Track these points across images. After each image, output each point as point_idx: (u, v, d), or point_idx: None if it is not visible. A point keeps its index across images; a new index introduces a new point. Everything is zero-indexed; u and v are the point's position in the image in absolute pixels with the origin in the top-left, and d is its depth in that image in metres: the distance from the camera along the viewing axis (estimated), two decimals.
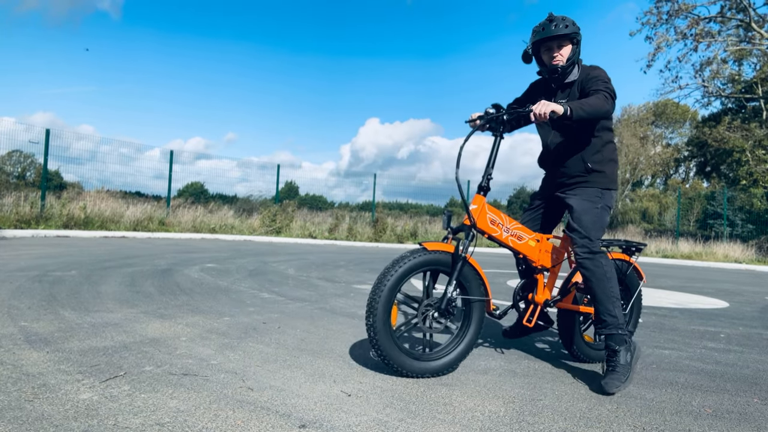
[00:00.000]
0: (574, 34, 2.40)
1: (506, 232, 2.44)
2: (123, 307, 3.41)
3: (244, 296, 4.16)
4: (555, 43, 2.42)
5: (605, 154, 2.48)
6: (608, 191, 2.48)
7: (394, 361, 2.16)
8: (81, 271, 4.99)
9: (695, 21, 21.08)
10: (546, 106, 2.18)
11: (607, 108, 2.27)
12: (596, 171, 2.45)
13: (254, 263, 6.86)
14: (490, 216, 2.39)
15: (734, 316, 4.68)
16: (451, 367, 2.31)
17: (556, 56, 2.42)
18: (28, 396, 1.75)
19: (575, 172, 2.48)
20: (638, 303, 2.87)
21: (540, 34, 2.41)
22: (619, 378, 2.22)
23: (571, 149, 2.49)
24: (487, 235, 2.40)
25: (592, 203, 2.43)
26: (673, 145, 37.60)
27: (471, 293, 2.34)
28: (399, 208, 22.64)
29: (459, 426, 1.72)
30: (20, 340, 2.45)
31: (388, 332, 2.15)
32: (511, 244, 2.46)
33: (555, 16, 2.41)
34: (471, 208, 2.33)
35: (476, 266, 2.34)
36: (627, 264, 2.72)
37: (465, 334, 2.36)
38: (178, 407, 1.73)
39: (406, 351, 2.23)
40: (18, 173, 27.89)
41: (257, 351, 2.51)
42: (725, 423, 1.89)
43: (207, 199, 16.52)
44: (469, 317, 2.36)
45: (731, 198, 21.62)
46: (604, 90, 2.29)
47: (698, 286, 7.40)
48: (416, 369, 2.21)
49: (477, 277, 2.34)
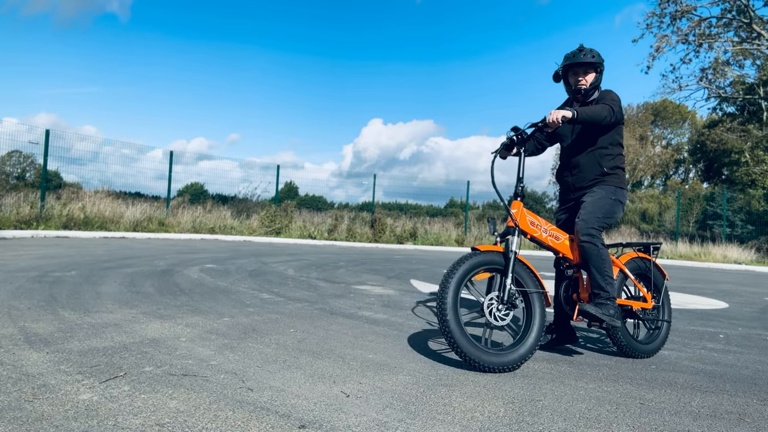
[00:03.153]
0: (599, 64, 2.82)
1: (545, 233, 2.71)
2: (123, 307, 3.41)
3: (243, 297, 4.17)
4: (582, 69, 2.83)
5: (617, 162, 2.86)
6: (621, 189, 2.84)
7: (471, 356, 2.31)
8: (81, 271, 4.99)
9: (697, 23, 21.10)
10: (557, 113, 2.53)
11: (605, 116, 2.64)
12: (610, 174, 2.83)
13: (254, 264, 6.86)
14: (530, 218, 2.67)
15: (733, 316, 4.69)
16: (524, 359, 2.42)
17: (582, 80, 2.83)
18: (28, 396, 1.75)
19: (593, 175, 2.84)
20: (667, 298, 3.09)
21: (570, 60, 2.82)
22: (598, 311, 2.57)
23: (589, 157, 2.86)
24: (529, 236, 2.67)
25: (606, 194, 2.78)
26: (672, 145, 37.61)
27: (528, 287, 2.54)
28: (398, 209, 22.62)
29: (458, 426, 1.72)
30: (20, 340, 2.45)
31: (461, 329, 2.34)
32: (550, 244, 2.73)
33: (585, 48, 2.82)
34: (512, 212, 2.60)
35: (526, 263, 2.58)
36: (649, 262, 3.03)
37: (532, 328, 2.49)
38: (178, 408, 1.73)
39: (481, 346, 2.37)
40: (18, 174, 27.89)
41: (257, 351, 2.52)
42: (725, 423, 1.89)
43: (207, 200, 16.52)
44: (530, 311, 2.53)
45: (730, 199, 21.62)
46: (610, 104, 2.69)
47: (698, 287, 7.40)
48: (493, 363, 2.35)
49: (530, 272, 2.57)
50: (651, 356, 2.87)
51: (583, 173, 2.87)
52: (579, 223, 2.69)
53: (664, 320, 3.01)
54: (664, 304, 3.05)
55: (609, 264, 2.67)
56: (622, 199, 2.82)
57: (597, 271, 2.64)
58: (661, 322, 3.01)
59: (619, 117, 2.75)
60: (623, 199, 2.83)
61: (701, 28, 21.25)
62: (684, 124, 37.51)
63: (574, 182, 2.91)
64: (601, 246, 2.66)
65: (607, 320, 2.59)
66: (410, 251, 12.36)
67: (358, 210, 18.34)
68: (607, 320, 2.59)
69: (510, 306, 2.48)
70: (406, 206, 23.52)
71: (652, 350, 2.89)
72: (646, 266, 3.01)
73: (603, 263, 2.64)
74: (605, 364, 2.69)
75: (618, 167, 2.85)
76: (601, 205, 2.73)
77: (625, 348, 2.80)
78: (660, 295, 3.02)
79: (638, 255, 3.02)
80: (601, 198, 2.76)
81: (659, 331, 2.99)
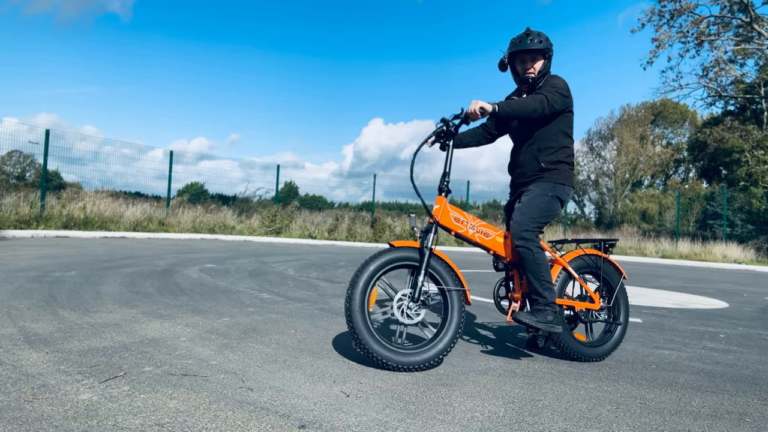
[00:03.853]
0: (547, 50, 2.63)
1: (472, 229, 2.59)
2: (123, 307, 3.41)
3: (243, 297, 4.16)
4: (529, 56, 2.65)
5: (559, 156, 2.66)
6: (561, 185, 2.64)
7: (378, 355, 2.25)
8: (81, 271, 4.99)
9: (697, 21, 21.10)
10: (476, 104, 2.41)
11: (534, 108, 2.48)
12: (549, 169, 2.64)
13: (254, 264, 6.86)
14: (454, 214, 2.55)
15: (734, 316, 4.68)
16: (434, 361, 2.33)
17: (529, 68, 2.66)
18: (28, 396, 1.75)
19: (531, 171, 2.68)
20: (624, 297, 2.90)
21: (517, 46, 2.63)
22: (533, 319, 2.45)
23: (527, 152, 2.70)
24: (453, 232, 2.56)
25: (542, 192, 2.62)
26: (672, 145, 37.63)
27: (446, 284, 2.43)
28: (399, 209, 22.62)
29: (459, 426, 1.72)
30: (20, 340, 2.44)
31: (368, 328, 2.26)
32: (479, 241, 2.60)
33: (532, 31, 2.62)
34: (434, 208, 2.50)
35: (445, 258, 2.46)
36: (599, 259, 2.84)
37: (448, 327, 2.39)
38: (178, 408, 1.73)
39: (387, 345, 2.29)
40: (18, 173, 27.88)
41: (257, 351, 2.51)
42: (725, 423, 1.89)
43: (207, 200, 16.52)
44: (448, 309, 2.43)
45: (731, 198, 21.62)
46: (546, 93, 2.52)
47: (698, 287, 7.40)
48: (402, 362, 2.27)
49: (448, 268, 2.45)
50: (600, 360, 2.71)
51: (522, 169, 2.72)
52: (513, 226, 2.56)
53: (616, 322, 2.82)
54: (618, 305, 2.85)
55: (546, 268, 2.52)
56: (561, 196, 2.62)
57: (533, 276, 2.49)
58: (613, 324, 2.83)
59: (558, 107, 2.55)
60: (563, 195, 2.63)
61: (701, 27, 21.24)
62: (684, 123, 37.51)
63: (516, 178, 2.79)
64: (536, 249, 2.50)
65: (544, 327, 2.46)
66: None
67: (358, 210, 18.34)
68: (544, 327, 2.46)
69: (422, 304, 2.38)
70: (406, 206, 23.51)
71: (600, 354, 2.71)
72: (596, 264, 2.82)
73: (539, 267, 2.49)
74: (605, 363, 2.69)
75: (560, 162, 2.65)
76: (535, 205, 2.58)
77: (567, 351, 2.65)
78: (612, 295, 2.84)
79: (588, 252, 2.82)
80: (535, 197, 2.60)
81: (611, 333, 2.81)
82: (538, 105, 2.48)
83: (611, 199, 35.97)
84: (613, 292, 2.84)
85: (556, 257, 2.75)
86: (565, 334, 2.65)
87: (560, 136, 2.66)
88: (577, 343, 2.69)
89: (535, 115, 2.51)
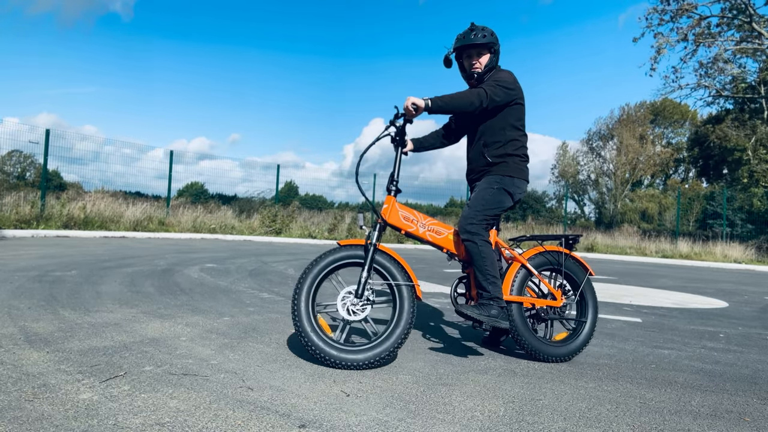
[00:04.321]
0: (492, 44, 2.62)
1: (423, 228, 2.59)
2: (123, 307, 3.41)
3: (243, 296, 4.17)
4: (475, 51, 2.64)
5: (507, 149, 2.64)
6: (510, 178, 2.62)
7: (322, 353, 2.26)
8: (81, 271, 4.99)
9: (697, 21, 21.09)
10: (408, 100, 2.41)
11: (472, 101, 2.46)
12: (497, 163, 2.63)
13: (254, 263, 6.86)
14: (403, 213, 2.57)
15: (733, 316, 4.69)
16: (383, 358, 2.31)
17: (475, 63, 2.65)
18: (29, 396, 1.75)
19: (479, 166, 2.70)
20: (591, 294, 2.81)
21: (461, 42, 2.63)
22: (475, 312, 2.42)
23: (475, 148, 2.72)
24: (404, 231, 2.57)
25: (488, 185, 2.61)
26: (673, 144, 37.62)
27: (394, 279, 2.42)
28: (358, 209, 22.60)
29: (459, 426, 1.72)
30: (20, 340, 2.45)
31: (313, 327, 2.29)
32: (430, 239, 2.59)
33: (476, 26, 2.63)
34: (383, 207, 2.55)
35: (392, 254, 2.46)
36: (561, 256, 2.76)
37: (398, 323, 2.37)
38: (178, 407, 1.73)
39: (334, 343, 2.30)
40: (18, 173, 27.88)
41: (257, 351, 2.52)
42: (724, 422, 1.89)
43: (207, 199, 16.52)
44: (397, 304, 2.41)
45: (730, 198, 21.62)
46: (486, 87, 2.51)
47: (698, 286, 7.40)
48: (348, 360, 2.27)
49: (396, 263, 2.45)
50: (567, 359, 2.65)
51: (472, 165, 2.75)
52: (459, 220, 2.56)
53: (581, 320, 2.75)
54: (585, 302, 2.78)
55: (491, 261, 2.49)
56: (508, 188, 2.59)
57: (478, 270, 2.49)
58: (578, 322, 2.76)
59: (499, 99, 2.52)
60: (511, 187, 2.60)
61: (701, 27, 21.23)
62: (684, 123, 37.51)
63: (468, 175, 2.81)
64: (481, 243, 2.49)
65: (487, 321, 2.42)
66: (410, 250, 12.35)
67: (358, 209, 18.34)
68: (487, 321, 2.42)
69: (366, 301, 2.37)
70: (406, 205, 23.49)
71: (566, 353, 2.64)
72: (557, 261, 2.74)
73: (484, 261, 2.48)
74: (605, 363, 2.69)
75: (508, 155, 2.62)
76: (480, 198, 2.57)
77: (530, 350, 2.59)
78: (577, 290, 2.77)
79: (547, 249, 2.75)
80: (481, 190, 2.60)
81: (577, 332, 2.73)
82: (475, 98, 2.46)
83: (611, 199, 35.99)
84: (577, 288, 2.77)
85: (514, 254, 2.72)
86: (524, 331, 2.58)
87: (507, 130, 2.63)
88: (540, 341, 2.62)
89: (472, 108, 2.48)
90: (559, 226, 19.05)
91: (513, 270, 2.66)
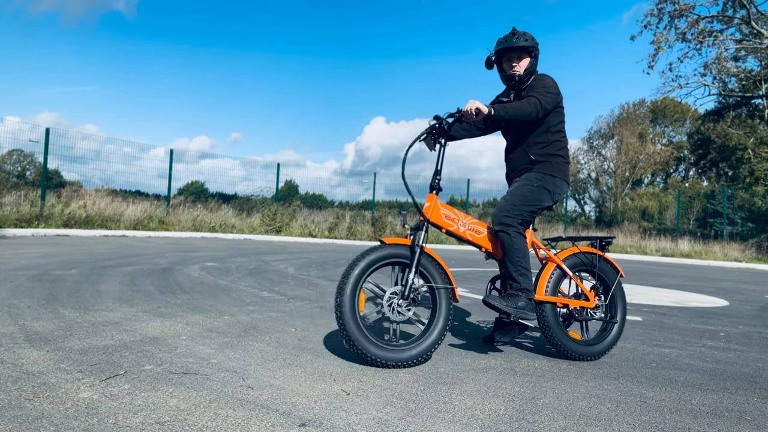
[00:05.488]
0: (533, 48, 2.68)
1: (463, 227, 2.60)
2: (123, 306, 3.41)
3: (244, 295, 4.17)
4: (515, 54, 2.70)
5: (550, 149, 2.70)
6: (551, 177, 2.67)
7: (365, 351, 2.26)
8: (81, 270, 4.99)
9: (696, 21, 21.04)
10: (472, 104, 2.44)
11: (530, 112, 2.53)
12: (540, 161, 2.68)
13: (254, 262, 6.86)
14: (444, 212, 2.57)
15: (734, 314, 4.68)
16: (422, 358, 2.35)
17: (515, 66, 2.70)
18: (28, 395, 1.75)
19: (522, 165, 2.74)
20: (621, 295, 2.88)
21: (502, 45, 2.69)
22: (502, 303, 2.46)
23: (519, 148, 2.76)
24: (444, 229, 2.57)
25: (528, 182, 2.65)
26: (673, 143, 37.60)
27: (435, 282, 2.45)
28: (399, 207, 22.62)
29: (459, 424, 1.72)
30: (20, 338, 2.45)
31: (357, 325, 2.28)
32: (470, 238, 2.61)
33: (518, 31, 2.69)
34: (425, 205, 2.52)
35: (435, 257, 2.47)
36: (595, 257, 2.83)
37: (435, 325, 2.42)
38: (178, 406, 1.73)
39: (375, 341, 2.31)
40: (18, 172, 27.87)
41: (257, 350, 2.52)
42: (725, 421, 1.89)
43: (207, 198, 16.51)
44: (436, 306, 2.45)
45: (731, 196, 21.60)
46: (538, 96, 2.56)
47: (698, 285, 7.40)
48: (389, 359, 2.29)
49: (438, 266, 2.47)
50: (596, 358, 2.70)
51: (513, 164, 2.79)
52: (494, 212, 2.60)
53: (612, 320, 2.82)
54: (615, 303, 2.84)
55: (523, 253, 2.55)
56: (549, 187, 2.64)
57: (509, 261, 2.53)
58: (609, 323, 2.82)
59: (550, 107, 2.60)
60: (552, 186, 2.65)
61: (700, 26, 21.18)
62: (685, 122, 37.49)
63: (508, 174, 2.85)
64: (514, 234, 2.53)
65: (514, 312, 2.46)
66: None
67: (359, 208, 18.34)
68: (514, 312, 2.46)
69: (411, 302, 2.40)
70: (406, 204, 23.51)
71: (596, 352, 2.69)
72: (591, 262, 2.82)
73: (516, 252, 2.52)
74: (605, 362, 2.69)
75: (551, 154, 2.68)
76: (519, 193, 2.61)
77: (562, 349, 2.64)
78: (608, 292, 2.84)
79: (583, 250, 2.82)
80: (521, 186, 2.64)
81: (607, 332, 2.80)
82: (532, 109, 2.53)
83: (611, 198, 35.97)
84: (609, 290, 2.84)
85: (550, 255, 2.75)
86: (558, 332, 2.65)
87: (551, 132, 2.70)
88: (572, 341, 2.68)
89: (530, 118, 2.56)
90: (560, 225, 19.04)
91: (548, 270, 2.71)
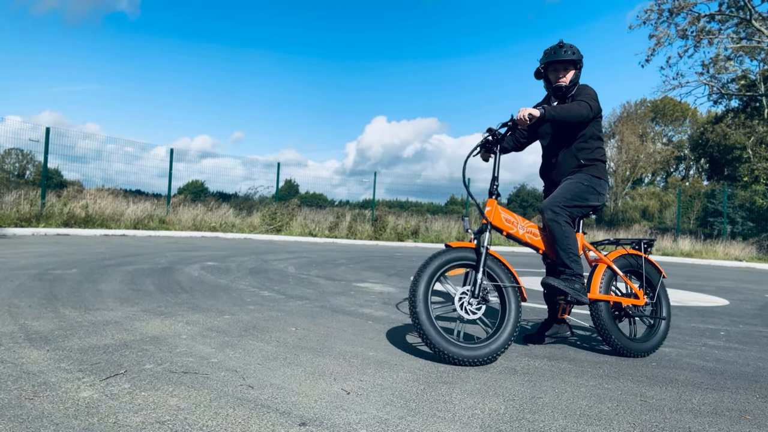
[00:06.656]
0: (578, 61, 2.83)
1: (522, 230, 2.75)
2: (123, 305, 3.41)
3: (244, 294, 4.17)
4: (562, 66, 2.84)
5: (595, 155, 2.86)
6: (598, 179, 2.83)
7: (442, 348, 2.35)
8: (81, 269, 4.99)
9: (695, 18, 21.01)
10: (525, 111, 2.57)
11: (581, 112, 2.67)
12: (588, 165, 2.84)
13: (254, 261, 6.86)
14: (505, 216, 2.72)
15: (734, 313, 4.68)
16: (496, 355, 2.44)
17: (562, 77, 2.84)
18: (29, 394, 1.75)
19: (570, 168, 2.86)
20: (665, 294, 3.04)
21: (551, 57, 2.83)
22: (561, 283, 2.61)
23: (566, 152, 2.89)
24: (505, 232, 2.71)
25: (578, 181, 2.79)
26: (673, 142, 37.58)
27: (501, 282, 2.57)
28: (400, 206, 22.62)
29: (459, 424, 1.72)
30: (21, 338, 2.45)
31: (432, 322, 2.38)
32: (528, 240, 2.76)
33: (565, 44, 2.83)
34: (486, 210, 2.66)
35: (500, 258, 2.60)
36: (640, 258, 2.99)
37: (507, 323, 2.51)
38: (179, 405, 1.73)
39: (452, 340, 2.40)
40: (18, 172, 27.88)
41: (257, 349, 2.52)
42: (725, 420, 1.89)
43: (207, 197, 16.51)
44: (505, 305, 2.55)
45: (731, 196, 21.59)
46: (587, 100, 2.72)
47: (698, 284, 7.40)
48: (464, 356, 2.38)
49: (503, 266, 2.60)
50: (647, 355, 2.82)
51: (560, 168, 2.90)
52: (544, 203, 2.74)
53: (660, 317, 2.95)
54: (660, 301, 2.99)
55: (573, 241, 2.69)
56: (597, 188, 2.80)
57: (561, 249, 2.67)
58: (657, 320, 2.96)
59: (596, 112, 2.77)
60: (599, 188, 2.82)
61: (700, 24, 21.14)
62: (685, 121, 37.46)
63: (555, 177, 2.94)
64: (564, 224, 2.68)
65: (571, 293, 2.60)
66: (411, 249, 12.36)
67: (359, 208, 18.34)
68: (571, 293, 2.60)
69: (482, 300, 2.51)
70: (407, 204, 23.52)
71: (648, 349, 2.83)
72: (637, 263, 2.98)
73: (566, 240, 2.67)
74: (606, 361, 2.69)
75: (597, 160, 2.85)
76: (570, 189, 2.75)
77: (618, 346, 2.76)
78: (655, 291, 2.98)
79: (628, 252, 2.99)
80: (571, 183, 2.78)
81: (656, 329, 2.93)
82: (585, 110, 2.67)
83: (612, 197, 35.95)
84: (654, 289, 2.98)
85: (600, 256, 2.89)
86: (614, 329, 2.77)
87: (594, 138, 2.86)
88: (628, 338, 2.81)
89: (581, 119, 2.69)
90: None
91: (600, 270, 2.85)
